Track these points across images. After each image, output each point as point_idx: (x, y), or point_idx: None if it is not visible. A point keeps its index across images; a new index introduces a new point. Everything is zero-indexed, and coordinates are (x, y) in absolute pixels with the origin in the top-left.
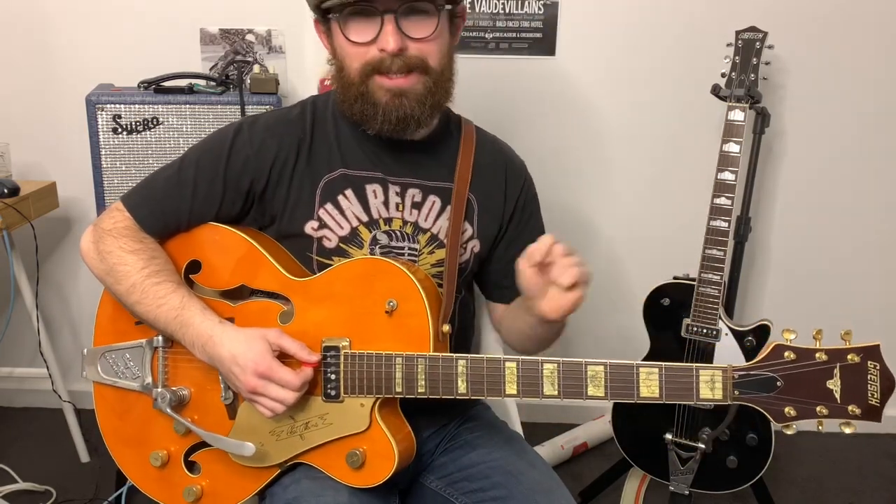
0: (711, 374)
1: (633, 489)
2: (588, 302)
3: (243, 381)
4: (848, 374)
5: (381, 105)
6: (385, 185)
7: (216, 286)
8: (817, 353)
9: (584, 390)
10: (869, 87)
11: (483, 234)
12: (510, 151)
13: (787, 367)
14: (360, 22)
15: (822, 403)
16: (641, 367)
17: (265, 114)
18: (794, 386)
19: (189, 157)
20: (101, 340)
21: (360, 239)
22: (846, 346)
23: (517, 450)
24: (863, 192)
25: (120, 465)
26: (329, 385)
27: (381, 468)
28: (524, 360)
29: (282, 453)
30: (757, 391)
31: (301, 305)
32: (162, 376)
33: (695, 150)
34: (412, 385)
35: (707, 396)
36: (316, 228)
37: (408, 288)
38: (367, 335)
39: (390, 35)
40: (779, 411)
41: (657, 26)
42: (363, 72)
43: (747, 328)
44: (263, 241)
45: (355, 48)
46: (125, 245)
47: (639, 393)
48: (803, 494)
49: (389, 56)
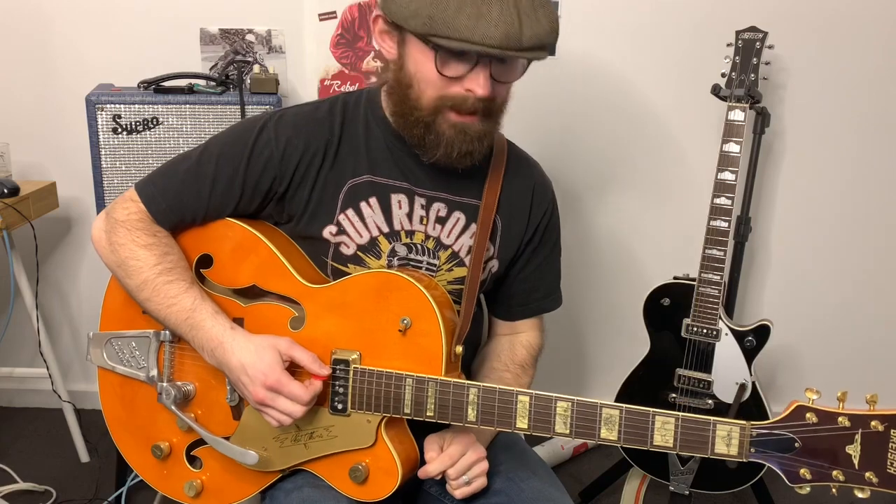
0: (729, 431)
1: (633, 489)
2: (588, 302)
3: (252, 392)
4: (869, 441)
5: (446, 138)
6: (411, 197)
7: (227, 283)
8: (840, 418)
9: (598, 432)
10: (869, 86)
11: (503, 255)
12: (540, 173)
13: (807, 430)
14: (457, 59)
15: (838, 468)
16: (658, 416)
17: (291, 109)
18: (812, 449)
19: (210, 150)
20: (108, 325)
21: (379, 249)
22: (870, 411)
23: (519, 455)
24: (863, 191)
25: (122, 452)
26: (336, 398)
27: (383, 485)
28: (538, 395)
29: (284, 460)
30: (773, 451)
31: (313, 312)
32: (167, 370)
33: (695, 150)
34: (421, 408)
35: (722, 451)
36: (334, 234)
37: (423, 307)
38: (378, 351)
39: (483, 79)
40: (794, 473)
41: (657, 26)
42: (438, 104)
43: (747, 328)
44: (279, 241)
45: (440, 80)
46: (138, 238)
47: (652, 441)
48: (803, 494)
49: (474, 99)
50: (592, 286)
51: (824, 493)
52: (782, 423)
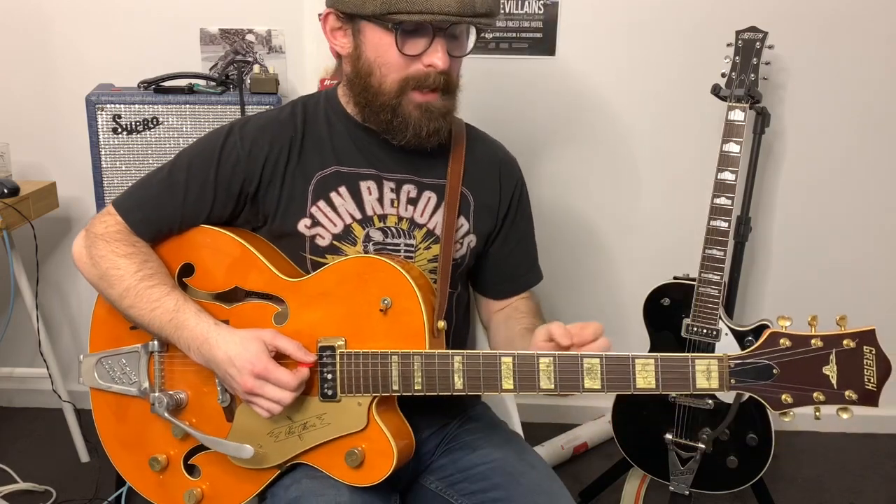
0: (707, 364)
1: (633, 489)
2: (588, 302)
3: (240, 382)
4: (844, 359)
5: (413, 119)
6: (380, 182)
7: (210, 289)
8: (813, 340)
9: (581, 383)
10: (869, 86)
11: (479, 229)
12: (502, 149)
13: (782, 355)
14: (415, 36)
15: (818, 389)
16: (637, 359)
17: (255, 115)
18: (791, 373)
19: (180, 160)
20: (97, 346)
21: (354, 236)
22: (841, 331)
23: (517, 451)
24: (863, 191)
25: (119, 470)
26: (326, 385)
27: (380, 466)
28: (520, 354)
29: (281, 454)
30: (753, 379)
31: (296, 306)
32: (158, 380)
33: (695, 150)
34: (409, 383)
35: (703, 385)
36: (309, 226)
37: (402, 285)
38: (363, 334)
39: (441, 52)
40: (776, 399)
41: (657, 26)
42: (402, 85)
43: (747, 328)
44: (256, 242)
45: (402, 59)
46: (118, 249)
47: (635, 384)
48: (803, 494)
49: (435, 73)
50: (592, 286)
51: (824, 492)
52: (758, 351)
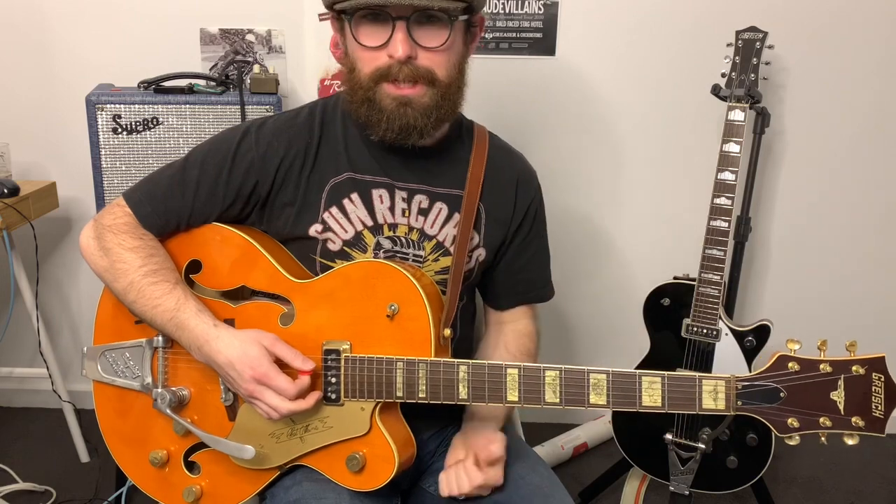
0: (714, 385)
1: (633, 489)
2: (588, 302)
3: (240, 386)
4: (852, 385)
5: (387, 112)
6: (392, 191)
7: (217, 286)
8: (821, 365)
9: (587, 398)
10: (869, 87)
11: (489, 242)
12: (522, 161)
13: (791, 379)
14: (372, 26)
15: (825, 415)
16: (644, 376)
17: (273, 117)
18: (798, 397)
19: (194, 156)
20: (102, 339)
21: (364, 243)
22: (851, 357)
23: (517, 452)
24: (863, 191)
25: (119, 464)
26: (329, 388)
27: (381, 472)
28: (526, 366)
29: (282, 456)
30: (760, 402)
31: (302, 307)
32: (162, 376)
33: (695, 150)
34: (413, 390)
35: (710, 406)
36: (320, 231)
37: (409, 292)
38: (368, 339)
39: (399, 42)
40: (782, 422)
41: (657, 26)
42: (373, 77)
43: (747, 328)
44: (265, 241)
45: (366, 52)
46: (124, 242)
47: (641, 402)
48: (803, 494)
49: (397, 63)
50: (593, 286)
51: (824, 492)
52: (766, 374)
